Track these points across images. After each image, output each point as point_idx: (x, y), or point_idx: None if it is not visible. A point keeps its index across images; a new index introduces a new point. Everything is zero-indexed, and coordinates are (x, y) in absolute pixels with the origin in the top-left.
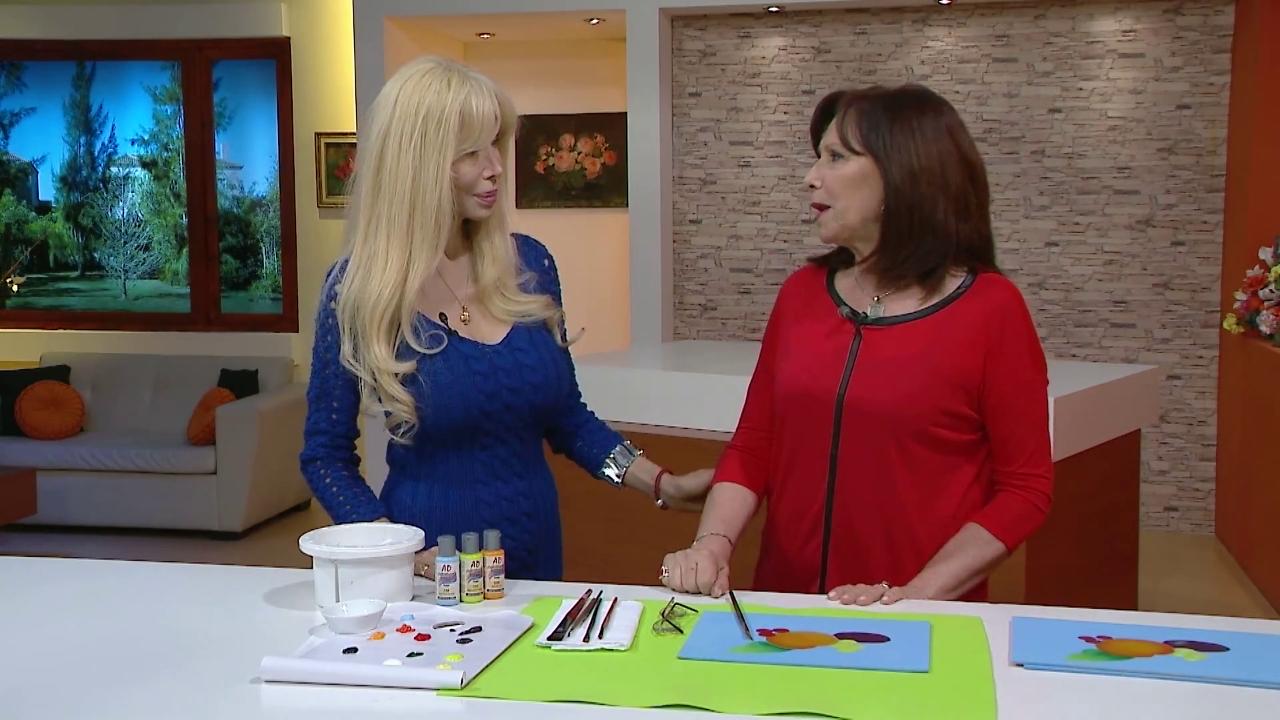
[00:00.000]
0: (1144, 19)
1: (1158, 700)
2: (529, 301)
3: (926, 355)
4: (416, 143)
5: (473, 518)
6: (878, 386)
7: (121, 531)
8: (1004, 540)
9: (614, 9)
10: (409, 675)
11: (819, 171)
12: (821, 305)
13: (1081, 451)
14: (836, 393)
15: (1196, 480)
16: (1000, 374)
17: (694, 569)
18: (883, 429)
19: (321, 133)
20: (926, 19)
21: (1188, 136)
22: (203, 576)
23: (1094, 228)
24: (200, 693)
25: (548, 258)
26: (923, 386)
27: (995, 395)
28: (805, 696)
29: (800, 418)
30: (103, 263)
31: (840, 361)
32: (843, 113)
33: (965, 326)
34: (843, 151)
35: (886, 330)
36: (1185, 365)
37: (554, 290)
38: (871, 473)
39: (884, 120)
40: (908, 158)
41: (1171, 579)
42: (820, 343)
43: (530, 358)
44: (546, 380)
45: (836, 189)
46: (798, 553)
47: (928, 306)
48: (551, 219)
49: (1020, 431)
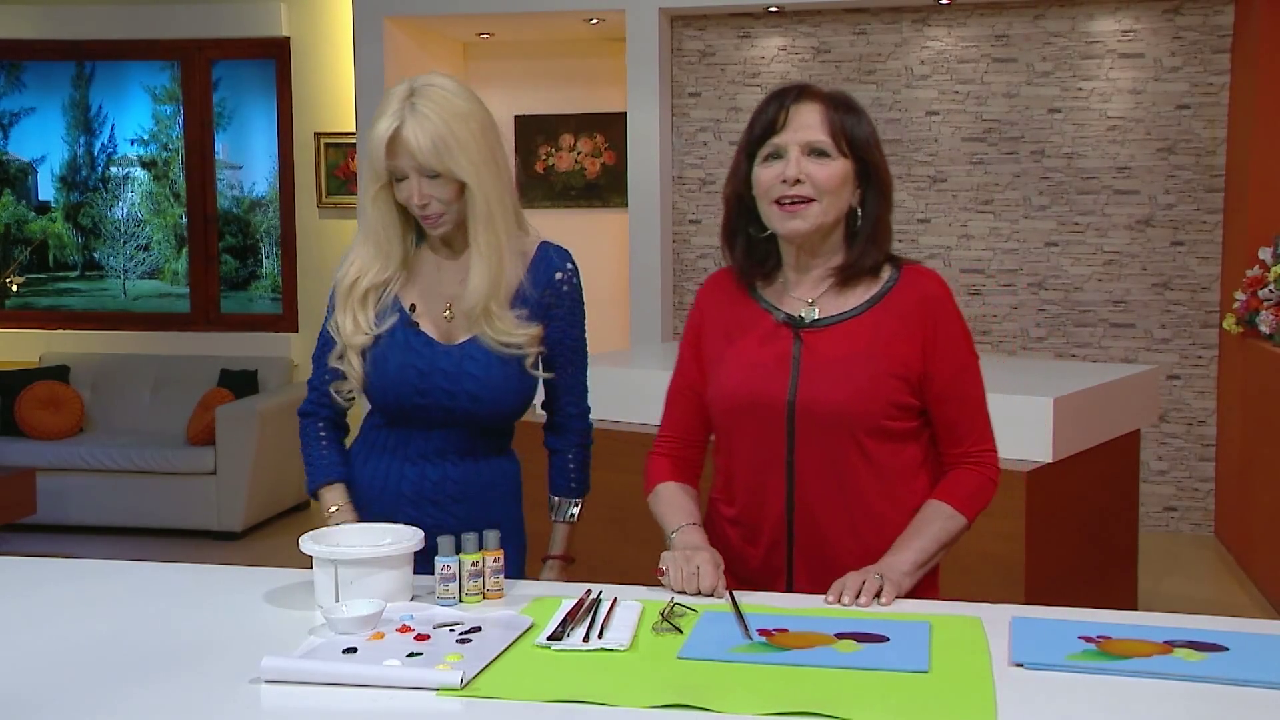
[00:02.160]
0: (1143, 19)
1: (1157, 700)
2: (514, 334)
3: (870, 351)
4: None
5: (394, 492)
6: (828, 387)
7: (121, 532)
8: (965, 514)
9: (613, 9)
10: (408, 675)
11: (802, 166)
12: (748, 314)
13: (1081, 451)
14: (786, 398)
15: (1196, 480)
16: (940, 361)
17: (695, 574)
18: (839, 428)
19: (321, 133)
20: (926, 19)
21: (1187, 136)
22: (202, 576)
23: (1093, 228)
24: (200, 693)
25: (562, 271)
26: (871, 382)
27: (938, 382)
28: (805, 697)
29: (749, 427)
30: (102, 263)
31: (784, 367)
32: (827, 110)
33: (900, 318)
34: (831, 150)
35: (825, 331)
36: (1185, 365)
37: (557, 312)
38: (832, 473)
39: (858, 125)
40: (878, 163)
41: (1171, 579)
42: (757, 350)
43: (477, 370)
44: (488, 396)
45: (825, 186)
46: (762, 560)
47: (862, 303)
48: (551, 219)
49: (966, 414)
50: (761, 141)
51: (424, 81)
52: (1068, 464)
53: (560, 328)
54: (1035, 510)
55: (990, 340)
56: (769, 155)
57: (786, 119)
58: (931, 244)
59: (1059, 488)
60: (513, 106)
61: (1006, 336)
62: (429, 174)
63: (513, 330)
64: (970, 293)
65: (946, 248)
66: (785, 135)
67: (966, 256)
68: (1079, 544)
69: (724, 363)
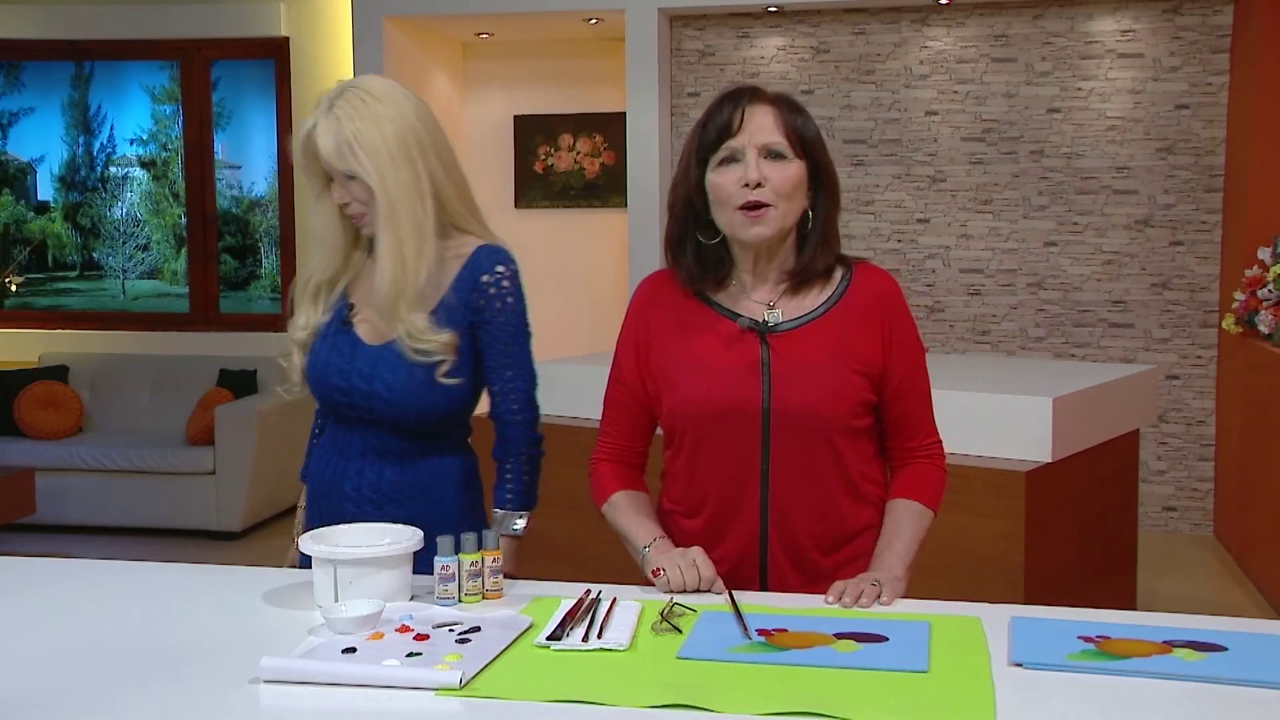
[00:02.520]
0: (1142, 19)
1: (1156, 700)
2: (422, 339)
3: (838, 352)
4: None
5: (335, 490)
6: (803, 391)
7: (120, 532)
8: (933, 508)
9: (613, 9)
10: (408, 675)
11: (761, 169)
12: (701, 319)
13: (1080, 451)
14: (761, 404)
15: (1195, 480)
16: (897, 357)
17: (693, 565)
18: (814, 431)
19: None
20: (925, 19)
21: (1186, 136)
22: (201, 576)
23: (1093, 228)
24: (199, 693)
25: (489, 274)
26: (841, 382)
27: (896, 378)
28: (804, 696)
29: (720, 435)
30: (101, 263)
31: (755, 372)
32: (780, 112)
33: (860, 317)
34: (787, 152)
35: (791, 334)
36: (1184, 365)
37: (486, 316)
38: (806, 475)
39: (807, 126)
40: (827, 164)
41: (1170, 579)
42: (722, 356)
43: (388, 372)
44: (395, 400)
45: (784, 189)
46: (732, 568)
47: (821, 305)
48: (550, 219)
49: (917, 408)
50: (716, 146)
51: (350, 84)
52: (1067, 464)
53: (491, 332)
54: (1034, 510)
55: (989, 340)
56: (725, 159)
57: (742, 121)
58: (931, 244)
59: (1058, 488)
60: (512, 106)
61: (1006, 336)
62: (346, 175)
63: (422, 335)
64: (970, 292)
65: (946, 248)
66: (741, 138)
67: (966, 256)
68: (1078, 544)
69: (683, 370)
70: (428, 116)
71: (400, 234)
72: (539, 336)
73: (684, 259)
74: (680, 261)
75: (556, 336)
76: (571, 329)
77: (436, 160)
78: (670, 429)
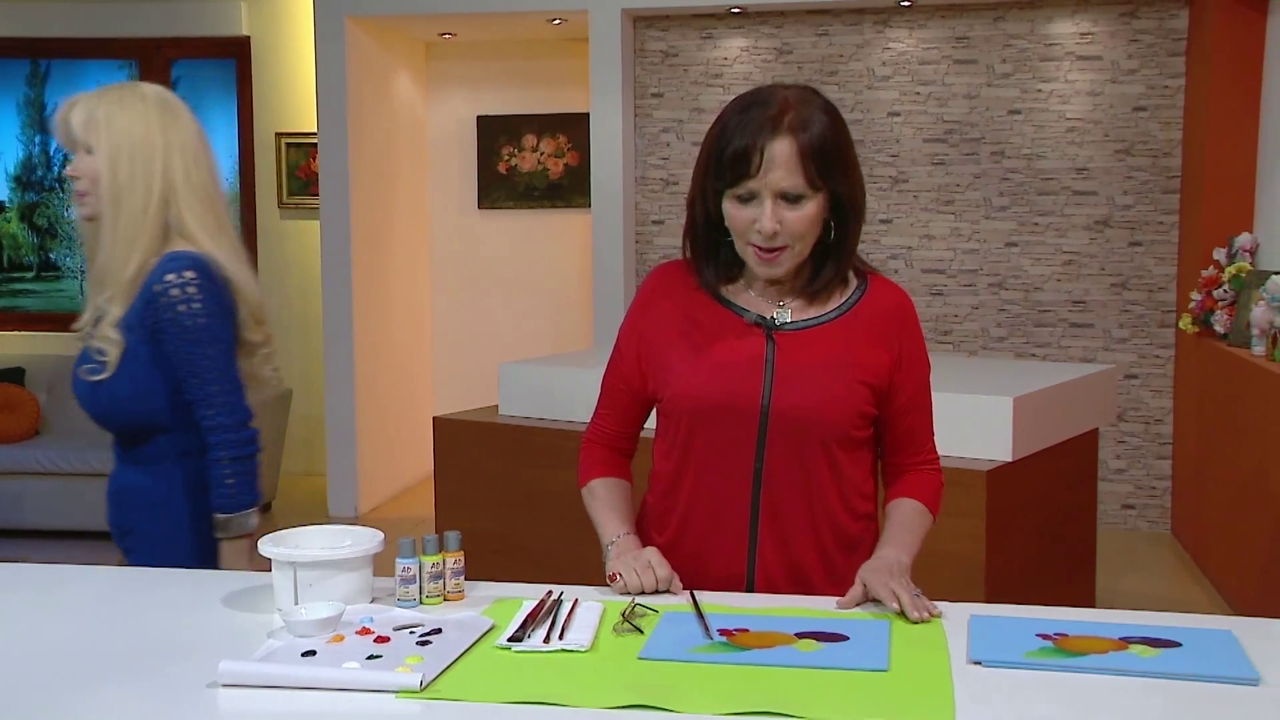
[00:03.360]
0: (1101, 22)
1: (1112, 696)
2: (96, 342)
3: (844, 358)
4: None
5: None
6: (804, 394)
7: (78, 535)
8: (934, 513)
9: (576, 9)
10: (368, 678)
11: (779, 214)
12: (708, 313)
13: (1040, 450)
14: (760, 402)
15: (1153, 478)
16: (909, 374)
17: (648, 567)
18: (811, 434)
19: (282, 133)
20: (888, 20)
21: (1144, 138)
22: (160, 580)
23: (1053, 228)
24: (156, 698)
25: (159, 283)
26: (845, 389)
27: (905, 393)
28: (765, 696)
29: (716, 430)
30: (58, 263)
31: (757, 370)
32: (798, 146)
33: (871, 328)
34: (806, 193)
35: (798, 335)
36: (1142, 365)
37: (163, 324)
38: (800, 478)
39: (830, 145)
40: (852, 190)
41: (1129, 576)
42: (726, 351)
43: (78, 370)
44: (85, 399)
45: (801, 231)
46: (724, 564)
47: (833, 310)
48: (514, 219)
49: (923, 423)
50: (734, 182)
51: (137, 84)
52: (1027, 463)
53: (168, 340)
54: (995, 509)
55: (951, 340)
56: (742, 196)
57: (761, 163)
58: (893, 244)
59: (1019, 487)
60: (475, 107)
61: (967, 336)
62: (85, 148)
63: (99, 335)
64: (931, 293)
65: (908, 248)
66: (758, 181)
67: (928, 257)
68: (1039, 542)
69: (684, 362)
70: (192, 128)
71: (118, 224)
72: (501, 337)
73: (702, 257)
74: (697, 259)
75: (520, 337)
76: (535, 330)
77: (181, 166)
78: (666, 420)
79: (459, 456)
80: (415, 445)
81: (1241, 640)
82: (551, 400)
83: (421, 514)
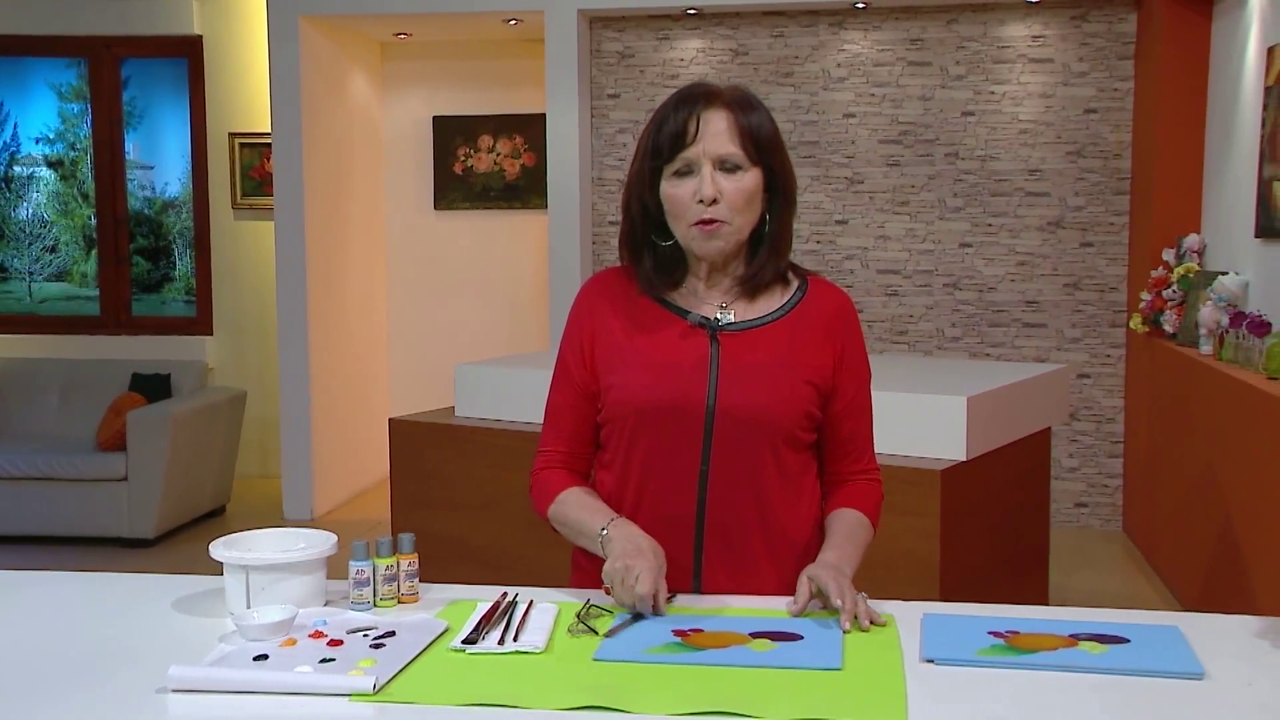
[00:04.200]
0: (1052, 25)
1: (1062, 692)
2: None
3: (788, 358)
4: None
5: None
6: (749, 393)
7: (29, 541)
8: (875, 525)
9: (532, 10)
10: (321, 681)
11: (716, 183)
12: (650, 317)
13: (994, 449)
14: (706, 402)
15: (1105, 477)
16: (848, 376)
17: (634, 581)
18: (757, 434)
19: (236, 133)
20: (843, 22)
21: (1095, 140)
22: (111, 586)
23: (1006, 229)
24: (106, 705)
25: None
26: (790, 388)
27: (844, 396)
28: (720, 696)
29: (662, 429)
30: (6, 264)
31: (702, 370)
32: (735, 117)
33: (814, 328)
34: (742, 162)
35: (742, 335)
36: (1094, 364)
37: None
38: (746, 479)
39: (762, 126)
40: (784, 165)
41: (1081, 573)
42: (670, 352)
43: None
44: None
45: (739, 203)
46: (670, 566)
47: (776, 310)
48: (470, 220)
49: (863, 430)
50: (671, 155)
51: None
52: (981, 462)
53: None
54: (950, 508)
55: (907, 340)
56: (680, 170)
57: (697, 130)
58: (849, 245)
59: (973, 485)
60: (431, 107)
61: (922, 336)
62: None
63: None
64: (887, 293)
65: (864, 249)
66: (696, 148)
67: (884, 258)
68: (992, 540)
69: (629, 365)
70: None
71: None
72: (457, 338)
73: (640, 261)
74: (637, 263)
75: (476, 338)
76: (491, 331)
77: None
78: (609, 423)
79: (415, 458)
80: (371, 447)
81: (1188, 635)
82: (508, 401)
83: (378, 516)
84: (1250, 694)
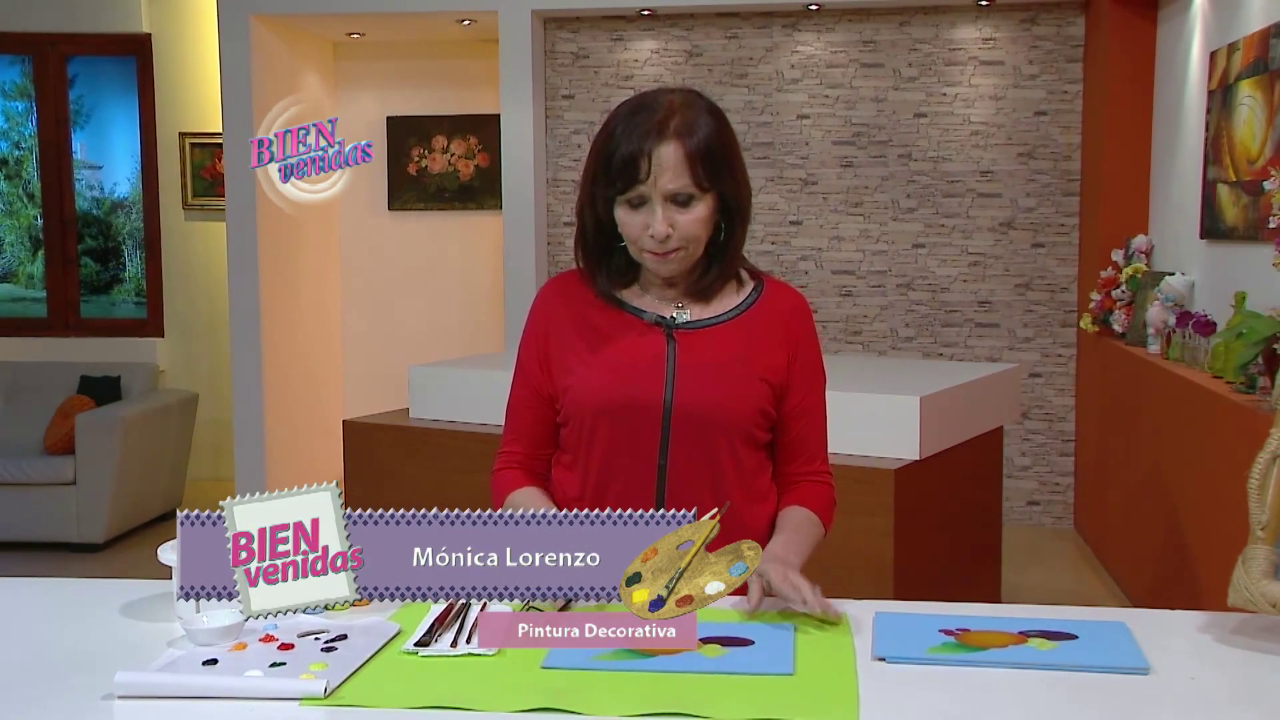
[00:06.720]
0: (1002, 28)
1: (1010, 688)
2: None
3: (744, 356)
4: None
5: None
6: (706, 390)
7: None
8: (827, 526)
9: (486, 10)
10: (271, 686)
11: (670, 217)
12: (606, 317)
13: (948, 448)
14: (663, 399)
15: (1056, 475)
16: (801, 376)
17: None
18: (714, 431)
19: (186, 133)
20: (796, 24)
21: (1045, 142)
22: (57, 591)
23: (959, 230)
24: (52, 712)
25: None
26: (746, 386)
27: (797, 396)
28: (671, 698)
29: (620, 427)
30: None
31: (659, 368)
32: (686, 149)
33: (769, 328)
34: (694, 193)
35: (699, 334)
36: (1046, 364)
37: None
38: (705, 476)
39: (717, 148)
40: (738, 192)
41: (1033, 570)
42: (626, 351)
43: None
44: None
45: (694, 233)
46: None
47: (731, 309)
48: (424, 221)
49: (815, 431)
50: (624, 189)
51: None
52: (934, 461)
53: None
54: (903, 507)
55: (861, 340)
56: (633, 201)
57: (649, 169)
58: (803, 246)
59: (926, 484)
60: (384, 107)
61: (876, 337)
62: None
63: None
64: (841, 294)
65: (818, 249)
66: (647, 185)
67: (838, 258)
68: (946, 539)
69: (585, 364)
70: None
71: None
72: (412, 339)
73: (595, 264)
74: (591, 266)
75: (431, 340)
76: (446, 332)
77: None
78: (568, 423)
79: (369, 460)
80: (325, 449)
81: (1135, 631)
82: (462, 403)
83: None
84: (1193, 687)
